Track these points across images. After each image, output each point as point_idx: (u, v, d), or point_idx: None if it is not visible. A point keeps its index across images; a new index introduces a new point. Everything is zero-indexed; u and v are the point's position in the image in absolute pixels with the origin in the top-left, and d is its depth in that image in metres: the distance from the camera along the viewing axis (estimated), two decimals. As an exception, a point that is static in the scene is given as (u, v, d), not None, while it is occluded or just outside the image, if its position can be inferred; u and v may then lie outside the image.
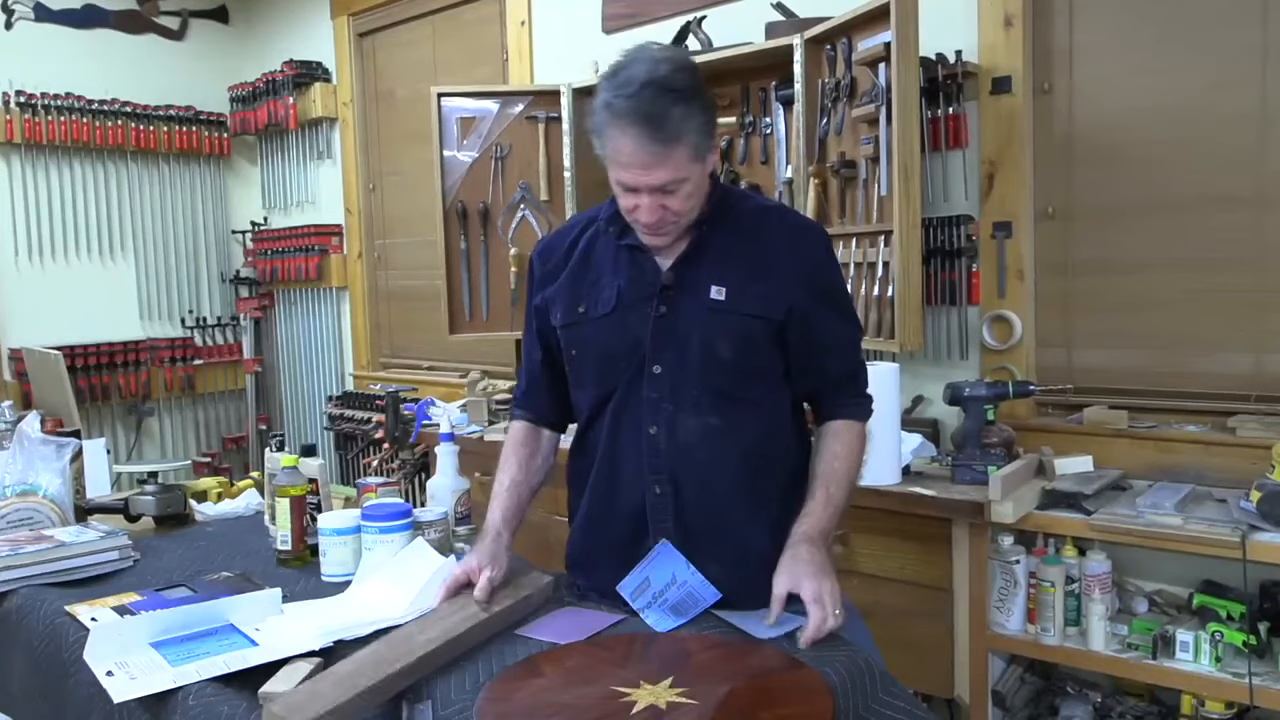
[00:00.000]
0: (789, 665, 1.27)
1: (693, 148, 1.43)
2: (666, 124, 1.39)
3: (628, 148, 1.41)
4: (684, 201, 1.47)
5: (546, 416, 1.73)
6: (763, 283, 1.52)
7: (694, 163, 1.45)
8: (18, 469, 2.11)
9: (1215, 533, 2.03)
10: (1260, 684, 1.99)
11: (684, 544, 1.49)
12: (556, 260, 1.65)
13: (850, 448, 1.59)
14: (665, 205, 1.45)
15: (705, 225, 1.55)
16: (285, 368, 5.18)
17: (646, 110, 1.38)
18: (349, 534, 1.74)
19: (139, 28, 4.98)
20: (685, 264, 1.54)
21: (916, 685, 2.29)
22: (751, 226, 1.58)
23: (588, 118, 1.49)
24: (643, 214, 1.46)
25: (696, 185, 1.48)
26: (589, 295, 1.59)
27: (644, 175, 1.42)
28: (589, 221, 1.66)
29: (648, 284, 1.54)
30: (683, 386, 1.52)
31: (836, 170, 2.72)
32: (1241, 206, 2.40)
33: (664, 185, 1.43)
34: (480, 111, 3.47)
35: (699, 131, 1.43)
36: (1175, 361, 2.52)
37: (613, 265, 1.58)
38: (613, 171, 1.47)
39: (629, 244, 1.57)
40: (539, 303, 1.67)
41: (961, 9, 2.70)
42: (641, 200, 1.45)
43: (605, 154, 1.46)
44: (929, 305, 2.74)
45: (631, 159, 1.41)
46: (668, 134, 1.39)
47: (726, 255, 1.54)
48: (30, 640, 1.66)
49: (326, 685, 1.23)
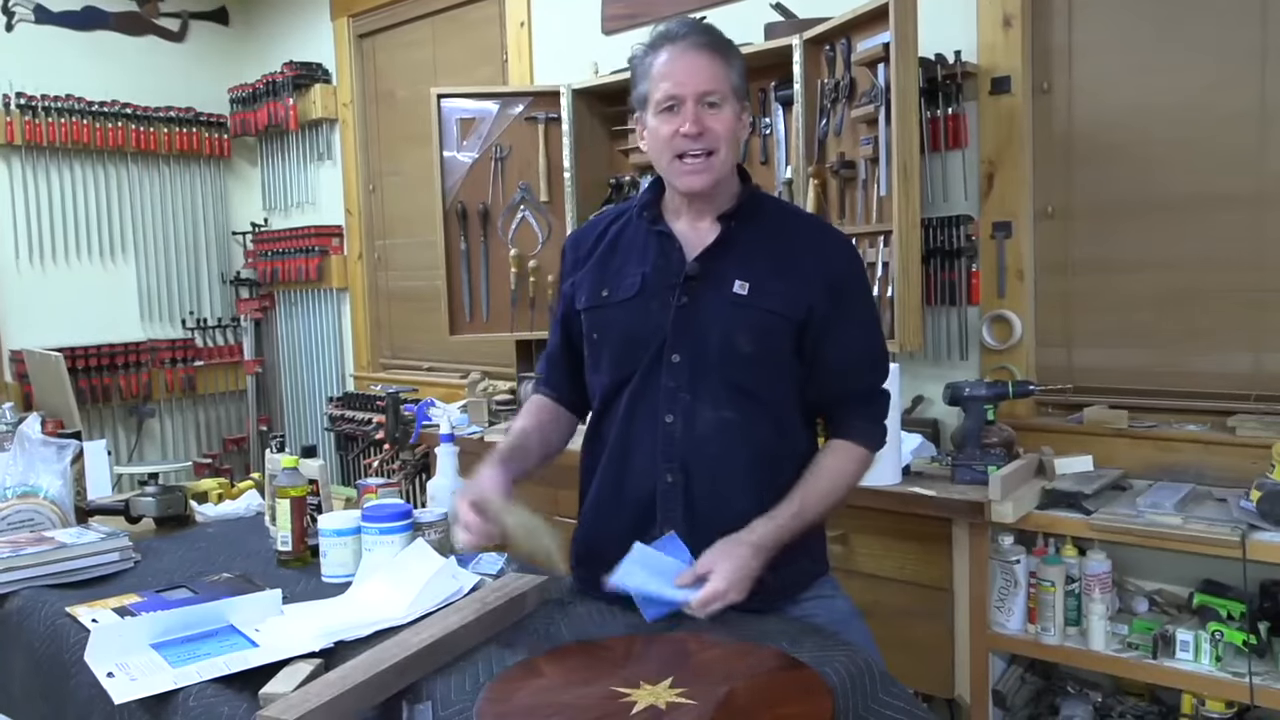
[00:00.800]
0: (789, 665, 1.27)
1: (735, 75, 1.51)
2: (714, 34, 1.52)
3: (677, 51, 1.49)
4: (725, 126, 1.49)
5: (567, 397, 1.73)
6: (786, 281, 1.53)
7: (734, 95, 1.51)
8: (18, 471, 2.11)
9: (1215, 532, 2.03)
10: (1260, 683, 1.99)
11: (691, 535, 1.49)
12: (587, 247, 1.67)
13: (842, 470, 1.57)
14: (707, 122, 1.48)
15: (734, 220, 1.55)
16: (286, 369, 5.18)
17: (696, 24, 1.52)
18: (349, 535, 1.74)
19: (139, 29, 4.99)
20: (711, 256, 1.54)
21: (917, 685, 2.29)
22: (780, 228, 1.59)
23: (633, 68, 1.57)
24: (686, 125, 1.47)
25: (734, 124, 1.52)
26: (614, 280, 1.59)
27: (691, 79, 1.48)
28: (621, 212, 1.68)
29: (673, 273, 1.54)
30: (701, 377, 1.52)
31: (836, 170, 2.72)
32: (1241, 206, 2.40)
33: (708, 94, 1.48)
34: (480, 112, 3.48)
35: (740, 68, 1.53)
36: (1175, 361, 2.52)
37: (640, 252, 1.59)
38: (657, 91, 1.50)
39: (660, 230, 1.58)
40: (567, 288, 1.68)
41: (960, 9, 2.70)
42: (686, 112, 1.48)
43: (649, 82, 1.52)
44: (929, 305, 2.74)
45: (679, 61, 1.48)
46: (716, 43, 1.50)
47: (753, 251, 1.55)
48: (31, 642, 1.66)
49: (320, 684, 1.23)
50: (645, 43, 1.54)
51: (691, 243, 1.56)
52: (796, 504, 1.51)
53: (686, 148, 1.49)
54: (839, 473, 1.57)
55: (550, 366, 1.75)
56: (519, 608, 1.51)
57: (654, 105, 1.51)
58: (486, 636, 1.43)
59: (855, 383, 1.61)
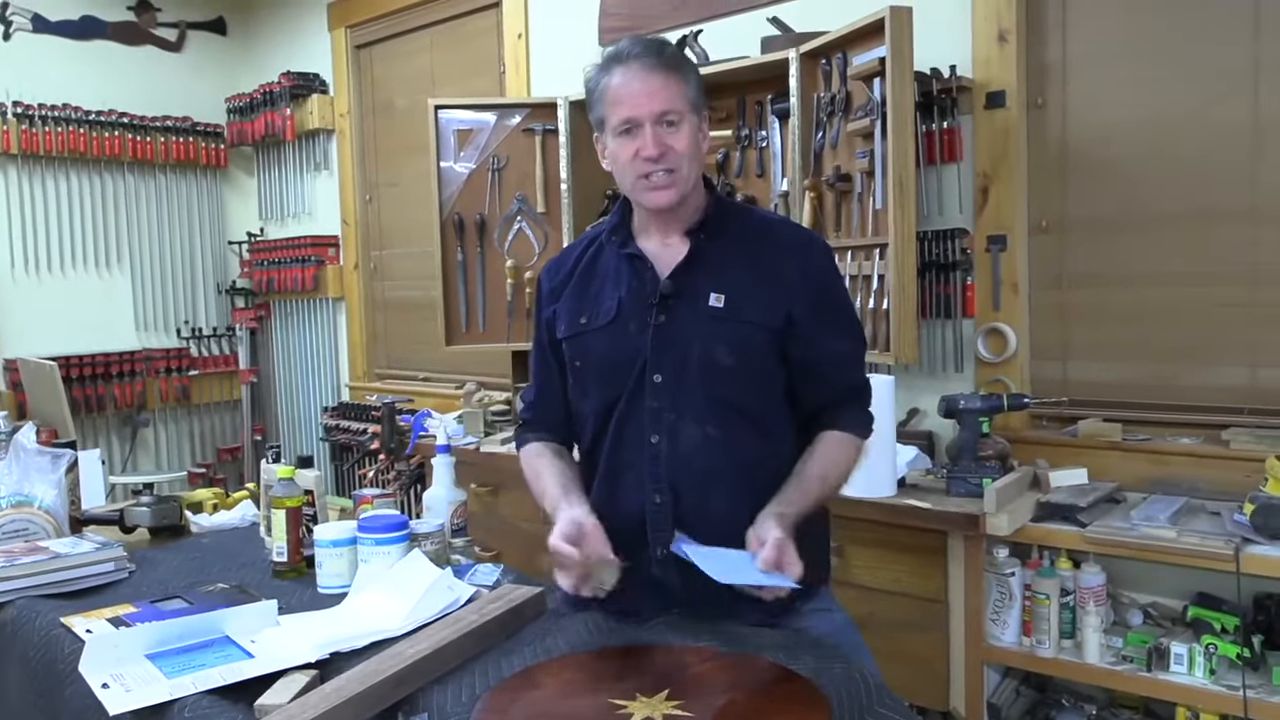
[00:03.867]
0: (784, 677, 1.27)
1: (690, 89, 1.50)
2: (666, 51, 1.51)
3: (629, 74, 1.48)
4: (685, 143, 1.49)
5: (558, 432, 1.71)
6: (762, 291, 1.53)
7: (691, 111, 1.51)
8: (12, 480, 2.10)
9: (1209, 545, 2.04)
10: (1254, 696, 1.99)
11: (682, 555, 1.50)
12: (562, 276, 1.67)
13: (839, 456, 1.57)
14: (667, 142, 1.48)
15: (704, 234, 1.56)
16: (281, 379, 5.17)
17: (647, 44, 1.51)
18: (345, 545, 1.74)
19: (136, 39, 4.99)
20: (684, 272, 1.55)
21: (912, 698, 2.29)
22: (752, 236, 1.59)
23: (588, 91, 1.56)
24: (646, 147, 1.47)
25: (694, 139, 1.51)
26: (591, 306, 1.60)
27: (646, 102, 1.47)
28: (593, 238, 1.68)
29: (647, 293, 1.55)
30: (684, 395, 1.52)
31: (832, 184, 2.73)
32: (1235, 220, 2.41)
33: (665, 113, 1.48)
34: (477, 123, 3.48)
35: (695, 80, 1.52)
36: (1169, 374, 2.53)
37: (615, 276, 1.60)
38: (614, 116, 1.50)
39: (630, 253, 1.58)
40: (547, 315, 1.68)
41: (956, 24, 2.72)
42: (645, 135, 1.48)
43: (605, 105, 1.51)
44: (924, 318, 2.75)
45: (633, 85, 1.48)
46: (667, 60, 1.49)
47: (726, 263, 1.55)
48: (26, 652, 1.65)
49: (316, 695, 1.23)
50: (598, 64, 1.53)
51: (664, 261, 1.56)
52: (799, 488, 1.50)
53: (649, 169, 1.49)
54: (837, 460, 1.56)
55: (540, 406, 1.71)
56: (516, 619, 1.51)
57: (612, 129, 1.52)
58: (483, 648, 1.42)
59: (841, 381, 1.61)
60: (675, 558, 1.51)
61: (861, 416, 1.62)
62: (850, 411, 1.61)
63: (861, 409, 1.63)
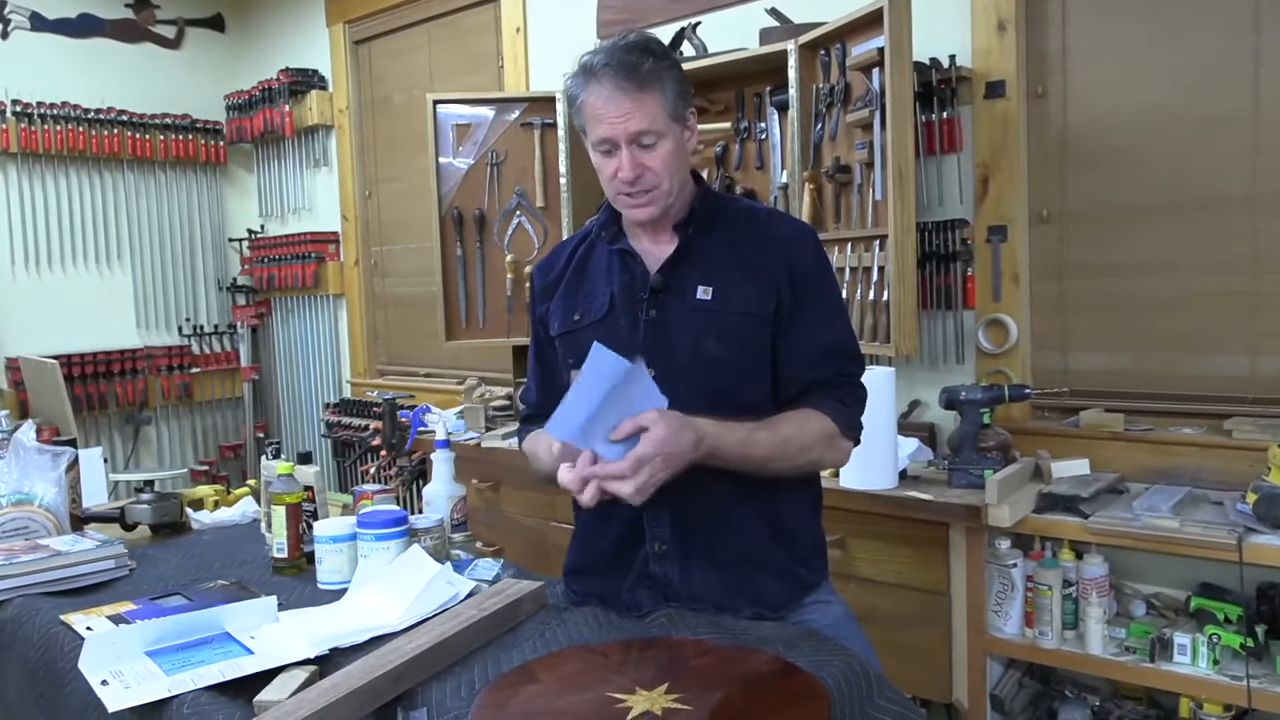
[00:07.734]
0: (785, 670, 1.27)
1: (668, 102, 1.47)
2: (639, 70, 1.45)
3: (603, 94, 1.45)
4: (662, 162, 1.48)
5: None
6: (751, 282, 1.52)
7: (671, 122, 1.48)
8: (13, 478, 2.10)
9: (1212, 535, 2.03)
10: (1258, 686, 1.99)
11: (679, 550, 1.50)
12: (555, 274, 1.67)
13: (800, 430, 1.48)
14: (644, 163, 1.47)
15: (692, 227, 1.55)
16: (282, 375, 5.17)
17: (619, 59, 1.45)
18: (345, 541, 1.73)
19: (135, 36, 4.99)
20: (673, 266, 1.54)
21: (914, 690, 2.29)
22: (740, 228, 1.58)
23: (568, 99, 1.53)
24: (623, 169, 1.47)
25: (674, 152, 1.49)
26: (584, 303, 1.60)
27: (620, 122, 1.45)
28: (585, 235, 1.68)
29: (638, 288, 1.55)
30: (678, 389, 1.51)
31: (831, 175, 2.72)
32: (1235, 209, 2.41)
33: (640, 134, 1.46)
34: (476, 118, 3.48)
35: (673, 89, 1.48)
36: (1171, 364, 2.52)
37: (606, 272, 1.60)
38: (593, 133, 1.49)
39: (620, 249, 1.58)
40: (540, 313, 1.68)
41: (955, 14, 2.71)
42: (621, 157, 1.47)
43: (584, 119, 1.50)
44: (924, 309, 2.74)
45: (606, 106, 1.45)
46: (641, 78, 1.44)
47: (714, 256, 1.54)
48: (25, 650, 1.65)
49: (315, 691, 1.23)
50: (574, 73, 1.51)
51: (654, 256, 1.56)
52: (750, 427, 1.44)
53: (627, 189, 1.49)
54: (801, 433, 1.48)
55: (542, 403, 1.67)
56: (514, 614, 1.50)
57: (591, 144, 1.51)
58: (482, 643, 1.42)
59: (822, 370, 1.54)
60: (673, 552, 1.50)
61: (842, 409, 1.53)
62: (832, 399, 1.53)
63: (843, 401, 1.54)
